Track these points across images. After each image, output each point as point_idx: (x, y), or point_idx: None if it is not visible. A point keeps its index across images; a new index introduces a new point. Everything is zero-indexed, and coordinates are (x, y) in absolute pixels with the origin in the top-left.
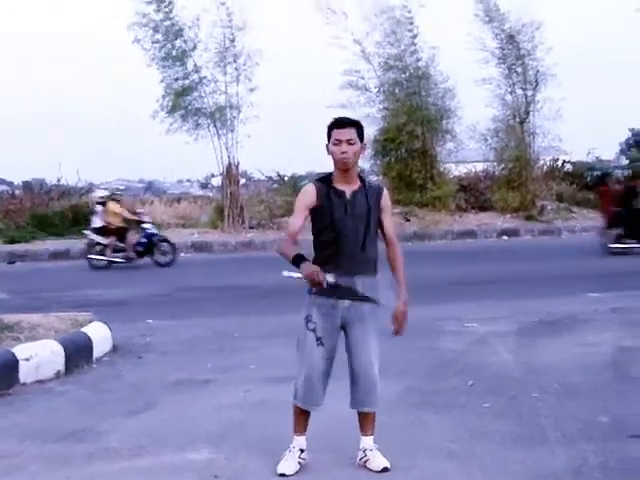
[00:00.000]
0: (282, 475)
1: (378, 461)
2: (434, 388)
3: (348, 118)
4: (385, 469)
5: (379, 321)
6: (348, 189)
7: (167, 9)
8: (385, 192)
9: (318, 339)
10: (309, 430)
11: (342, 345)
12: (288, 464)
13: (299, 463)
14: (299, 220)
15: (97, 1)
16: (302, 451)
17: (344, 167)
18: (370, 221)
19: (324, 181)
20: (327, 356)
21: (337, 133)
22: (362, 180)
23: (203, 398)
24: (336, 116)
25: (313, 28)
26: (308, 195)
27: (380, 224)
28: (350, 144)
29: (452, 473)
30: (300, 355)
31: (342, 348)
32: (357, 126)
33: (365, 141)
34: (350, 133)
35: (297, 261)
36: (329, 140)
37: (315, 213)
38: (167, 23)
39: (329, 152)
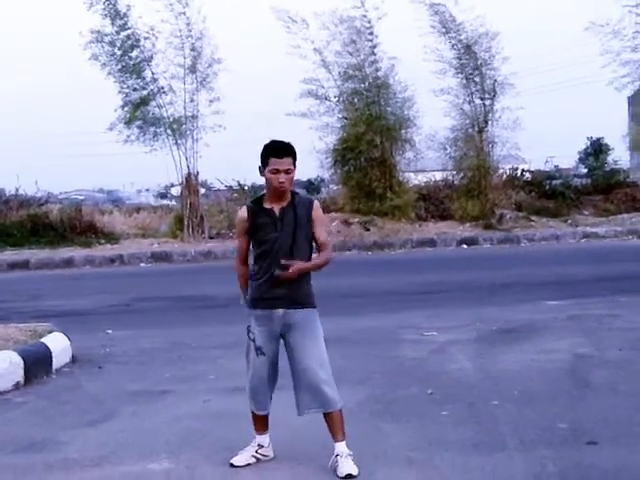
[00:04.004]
0: (231, 465)
1: (345, 467)
2: (393, 396)
3: (286, 145)
4: (349, 476)
5: (319, 326)
6: (277, 207)
7: (122, 21)
8: (315, 204)
9: (257, 348)
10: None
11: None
12: (240, 456)
13: (256, 458)
14: (242, 244)
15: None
16: (261, 446)
17: (279, 194)
18: (297, 234)
19: (256, 202)
20: (268, 363)
21: (276, 162)
22: (293, 196)
23: (163, 408)
24: (273, 140)
25: (274, 38)
26: (242, 220)
27: (313, 234)
28: (288, 173)
29: None
30: (246, 363)
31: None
32: (294, 153)
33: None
34: (289, 163)
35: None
36: (264, 164)
37: (250, 232)
38: (122, 35)
39: (262, 174)
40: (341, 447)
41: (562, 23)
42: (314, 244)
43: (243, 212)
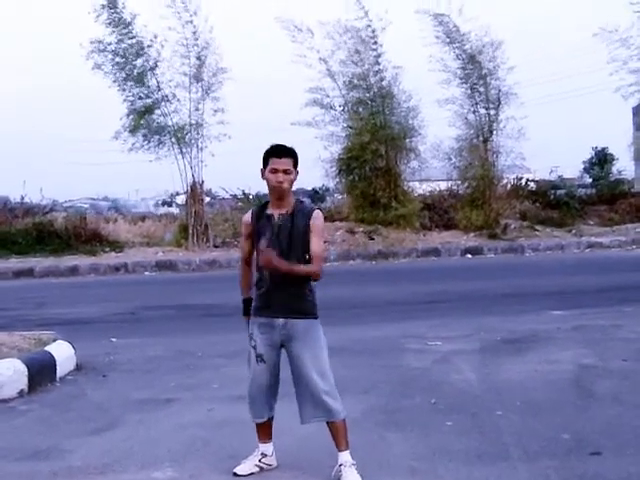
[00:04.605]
0: (234, 474)
1: (348, 477)
2: (397, 406)
3: (286, 147)
4: None
5: (321, 336)
6: (277, 213)
7: (125, 30)
8: (315, 213)
9: (258, 356)
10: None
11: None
12: (244, 465)
13: (260, 467)
14: (245, 246)
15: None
16: (264, 455)
17: (278, 195)
18: (293, 243)
19: (261, 206)
20: (269, 372)
21: (275, 162)
22: (297, 203)
23: (167, 417)
24: (274, 143)
25: (280, 48)
26: (245, 223)
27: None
28: (287, 174)
29: None
30: (248, 371)
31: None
32: (294, 155)
33: (299, 168)
34: (287, 163)
35: (244, 305)
36: (265, 166)
37: (253, 236)
38: (125, 44)
39: (264, 177)
40: (345, 456)
41: (566, 33)
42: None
43: (247, 216)
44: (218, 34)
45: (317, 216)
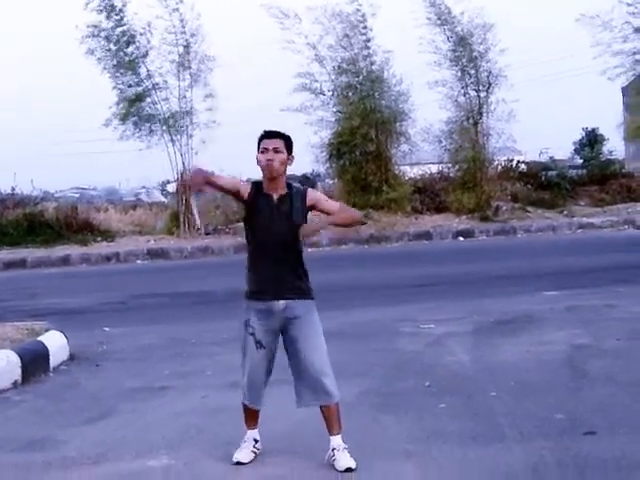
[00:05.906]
0: (238, 463)
1: (343, 461)
2: (391, 389)
3: (278, 131)
4: (349, 469)
5: (318, 319)
6: (275, 194)
7: (118, 17)
8: (310, 191)
9: (257, 342)
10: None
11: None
12: (243, 453)
13: (254, 453)
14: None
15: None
16: (256, 441)
17: (270, 174)
18: (292, 225)
19: (257, 185)
20: (267, 357)
21: (265, 142)
22: (289, 187)
23: (161, 405)
24: (267, 129)
25: (269, 33)
26: (245, 186)
27: (324, 213)
28: (277, 152)
29: (410, 473)
30: (243, 358)
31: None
32: (286, 139)
33: (294, 154)
34: (277, 142)
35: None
36: (258, 149)
37: (247, 211)
38: (118, 31)
39: (258, 162)
40: (337, 440)
41: (556, 13)
42: (328, 217)
43: (248, 184)
44: (206, 21)
45: (311, 191)
